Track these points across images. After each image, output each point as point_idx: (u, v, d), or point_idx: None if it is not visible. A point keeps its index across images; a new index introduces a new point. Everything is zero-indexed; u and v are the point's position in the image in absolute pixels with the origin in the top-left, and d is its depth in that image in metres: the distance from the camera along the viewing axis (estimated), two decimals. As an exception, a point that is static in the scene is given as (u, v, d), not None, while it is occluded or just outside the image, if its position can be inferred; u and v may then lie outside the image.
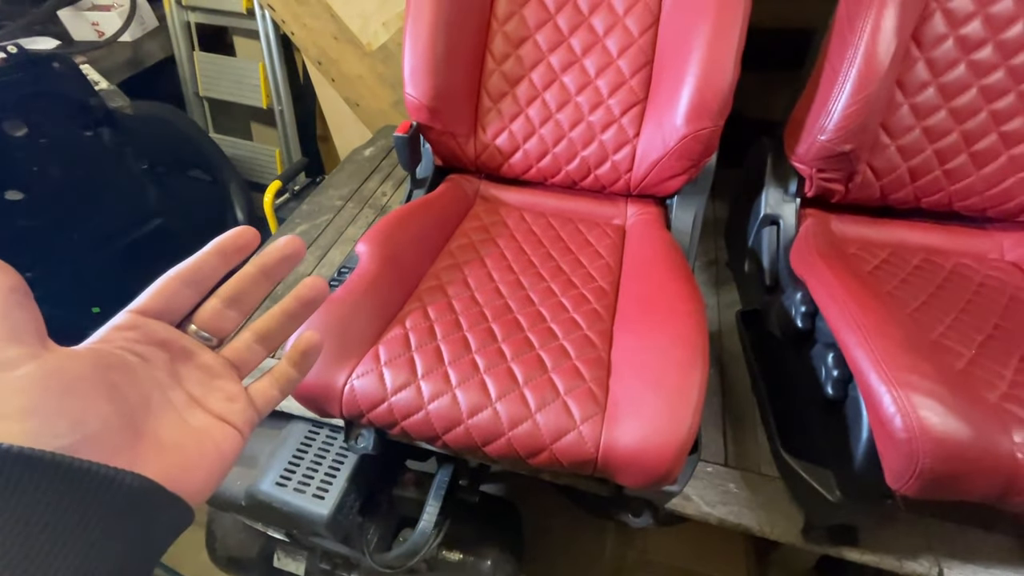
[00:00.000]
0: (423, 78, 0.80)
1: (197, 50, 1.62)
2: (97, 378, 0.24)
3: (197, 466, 0.27)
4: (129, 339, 0.27)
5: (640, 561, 1.25)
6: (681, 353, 0.58)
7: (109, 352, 0.26)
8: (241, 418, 0.29)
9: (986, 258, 0.82)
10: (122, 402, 0.25)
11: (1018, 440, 0.49)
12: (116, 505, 0.22)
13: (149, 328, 0.28)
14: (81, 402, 0.23)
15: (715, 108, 0.73)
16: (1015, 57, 0.72)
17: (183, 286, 0.29)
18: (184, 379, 0.29)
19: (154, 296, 0.28)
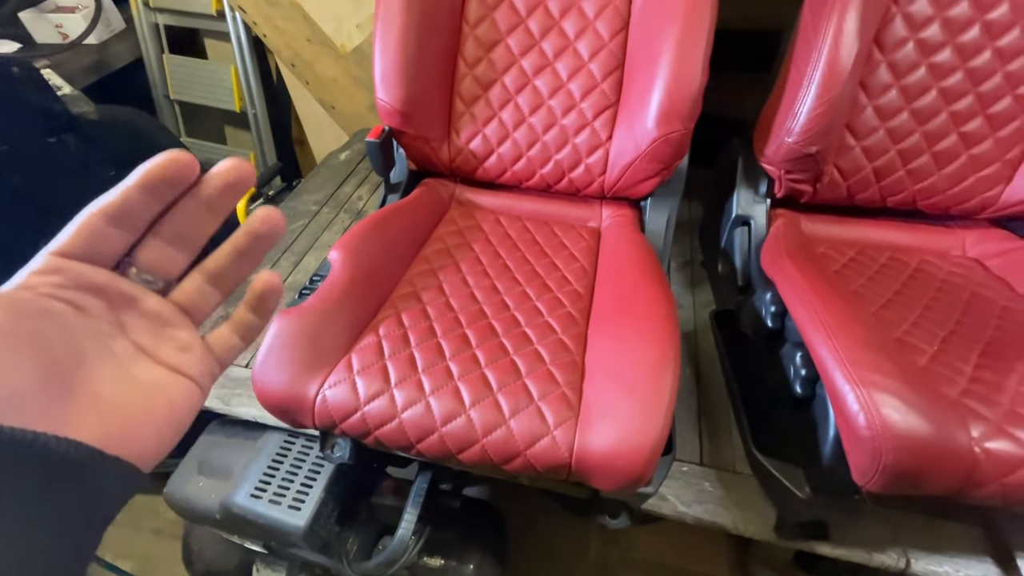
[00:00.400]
0: (394, 83, 0.80)
1: (167, 52, 1.59)
2: (16, 332, 0.21)
3: (145, 423, 0.24)
4: (53, 284, 0.23)
5: (624, 559, 1.26)
6: (653, 356, 0.58)
7: (28, 299, 0.23)
8: (198, 369, 0.27)
9: (949, 255, 0.84)
10: (45, 355, 0.22)
11: (975, 435, 0.51)
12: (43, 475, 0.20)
13: (76, 271, 0.24)
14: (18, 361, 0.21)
15: (685, 111, 0.74)
16: (972, 60, 0.74)
17: (107, 224, 0.24)
18: (129, 328, 0.26)
19: (75, 236, 0.24)
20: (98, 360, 0.24)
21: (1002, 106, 0.76)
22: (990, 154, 0.78)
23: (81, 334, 0.24)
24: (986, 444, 0.50)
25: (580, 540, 1.27)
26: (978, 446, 0.50)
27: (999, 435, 0.51)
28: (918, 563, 0.66)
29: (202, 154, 1.71)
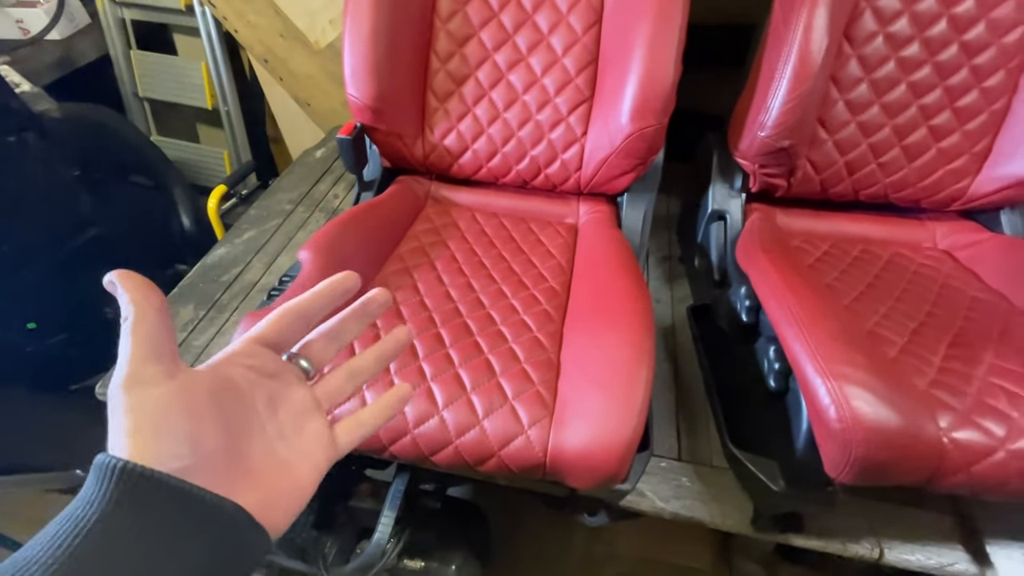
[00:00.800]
0: (365, 78, 0.78)
1: (134, 48, 1.54)
2: (214, 403, 0.26)
3: (280, 499, 0.27)
4: (246, 366, 0.29)
5: (608, 554, 1.27)
6: (627, 353, 0.58)
7: (226, 377, 0.28)
8: (323, 455, 0.30)
9: (921, 247, 0.86)
10: (230, 429, 0.26)
11: (943, 425, 0.51)
12: (217, 530, 0.24)
13: (263, 358, 0.30)
14: (200, 426, 0.25)
15: (658, 106, 0.73)
16: (940, 54, 0.75)
17: (297, 319, 0.31)
18: (279, 410, 0.29)
19: (272, 326, 0.30)
20: (255, 437, 0.28)
21: (969, 99, 0.77)
22: (958, 147, 0.79)
23: (251, 412, 0.28)
24: (953, 434, 0.51)
25: (565, 537, 1.27)
26: (946, 436, 0.50)
27: (966, 425, 0.51)
28: (891, 552, 0.66)
29: (174, 152, 1.67)
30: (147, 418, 0.24)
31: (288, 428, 0.29)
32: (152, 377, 0.25)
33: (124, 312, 0.26)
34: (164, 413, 0.24)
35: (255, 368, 0.29)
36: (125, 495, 0.21)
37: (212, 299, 0.96)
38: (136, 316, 0.26)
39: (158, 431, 0.24)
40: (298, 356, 0.31)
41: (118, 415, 0.24)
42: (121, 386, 0.24)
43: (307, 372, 0.31)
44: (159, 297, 0.27)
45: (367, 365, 0.34)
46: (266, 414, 0.29)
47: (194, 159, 1.67)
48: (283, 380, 0.30)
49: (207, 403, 0.26)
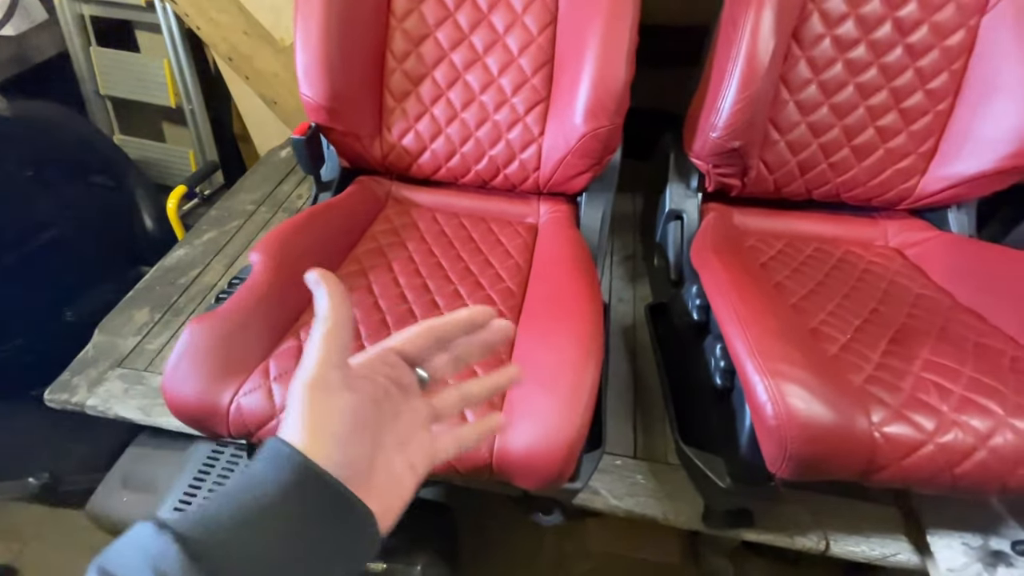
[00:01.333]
0: (318, 77, 0.77)
1: (94, 45, 1.50)
2: (369, 418, 0.29)
3: (390, 509, 0.29)
4: (386, 375, 0.31)
5: (578, 551, 1.27)
6: (575, 353, 0.58)
7: (376, 385, 0.30)
8: (424, 466, 0.31)
9: (873, 245, 0.87)
10: (374, 441, 0.29)
11: (876, 420, 0.52)
12: (357, 533, 0.26)
13: (400, 370, 0.32)
14: (361, 438, 0.28)
15: (611, 107, 0.74)
16: (885, 56, 0.77)
17: (436, 340, 0.33)
18: (400, 421, 0.31)
19: (413, 341, 0.33)
20: (382, 446, 0.29)
21: (914, 101, 0.79)
22: (905, 147, 0.81)
23: (383, 421, 0.30)
24: (885, 429, 0.52)
25: (535, 535, 1.27)
26: (878, 431, 0.52)
27: (898, 420, 0.52)
28: (837, 544, 0.68)
29: (138, 152, 1.63)
30: (325, 423, 0.26)
31: (403, 438, 0.31)
32: (335, 384, 0.27)
33: (321, 313, 0.29)
34: (339, 423, 0.27)
35: (392, 379, 0.31)
36: (296, 486, 0.24)
37: (168, 302, 0.94)
38: (334, 321, 0.28)
39: (333, 438, 0.26)
40: (419, 367, 0.33)
41: (298, 411, 0.26)
42: (307, 385, 0.27)
43: (423, 383, 0.33)
44: (351, 306, 0.30)
45: (479, 392, 0.35)
46: (390, 425, 0.30)
47: (159, 159, 1.63)
48: (409, 391, 0.32)
49: (367, 415, 0.28)
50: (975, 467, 0.51)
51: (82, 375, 0.83)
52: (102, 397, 0.80)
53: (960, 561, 0.65)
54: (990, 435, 0.52)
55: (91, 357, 0.85)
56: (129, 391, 0.81)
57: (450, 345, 0.35)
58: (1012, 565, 0.64)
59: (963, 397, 0.55)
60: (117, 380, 0.82)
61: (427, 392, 0.34)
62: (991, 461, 0.51)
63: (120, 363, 0.85)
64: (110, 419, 0.80)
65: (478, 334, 0.35)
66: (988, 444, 0.51)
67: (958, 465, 0.51)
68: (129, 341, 0.88)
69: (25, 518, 1.24)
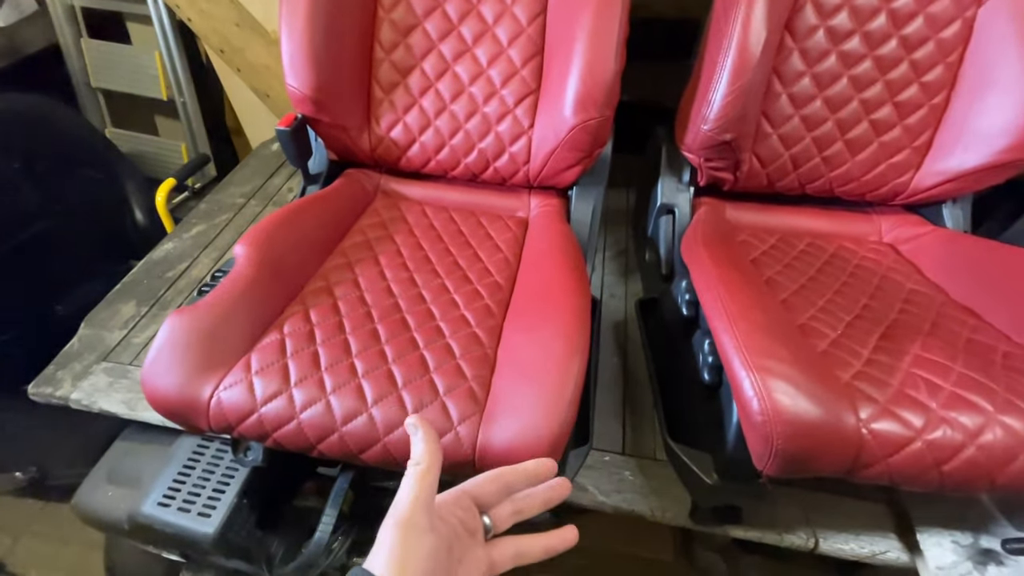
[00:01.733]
0: (304, 68, 0.76)
1: (85, 37, 1.49)
2: (444, 561, 0.31)
3: None
4: (460, 518, 0.33)
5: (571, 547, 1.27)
6: (560, 347, 0.58)
7: (451, 531, 0.32)
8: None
9: (866, 240, 0.86)
10: None
11: (863, 416, 0.52)
12: None
13: (471, 515, 0.34)
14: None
15: (600, 99, 0.73)
16: (879, 48, 0.76)
17: (504, 488, 0.36)
18: (462, 567, 0.33)
19: (486, 487, 0.36)
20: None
21: (909, 93, 0.77)
22: (899, 141, 0.80)
23: (452, 563, 0.32)
24: (872, 425, 0.51)
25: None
26: (865, 427, 0.51)
27: (885, 416, 0.52)
28: (826, 542, 0.67)
29: (131, 145, 1.62)
30: (410, 562, 0.28)
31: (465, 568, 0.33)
32: (423, 526, 0.29)
33: (417, 458, 0.32)
34: (423, 564, 0.29)
35: (463, 522, 0.33)
36: None
37: (155, 295, 0.93)
38: (428, 465, 0.31)
39: None
40: (487, 514, 0.35)
41: (388, 547, 0.29)
42: (399, 524, 0.29)
43: (487, 531, 0.35)
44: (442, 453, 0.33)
45: (532, 552, 0.36)
46: (455, 569, 0.32)
47: (151, 152, 1.62)
48: (476, 538, 0.34)
49: (443, 559, 0.30)
50: (963, 464, 0.50)
51: (67, 368, 0.82)
52: (86, 391, 0.79)
53: (950, 559, 0.64)
54: (979, 432, 0.51)
55: (76, 350, 0.85)
56: (114, 385, 0.80)
57: (519, 507, 0.37)
58: (1002, 563, 0.64)
59: (952, 393, 0.54)
60: (102, 374, 0.81)
61: (489, 541, 0.35)
62: (980, 458, 0.50)
63: (105, 357, 0.84)
64: (98, 414, 0.79)
65: (540, 488, 0.38)
66: (977, 441, 0.51)
67: (946, 462, 0.51)
68: (115, 335, 0.87)
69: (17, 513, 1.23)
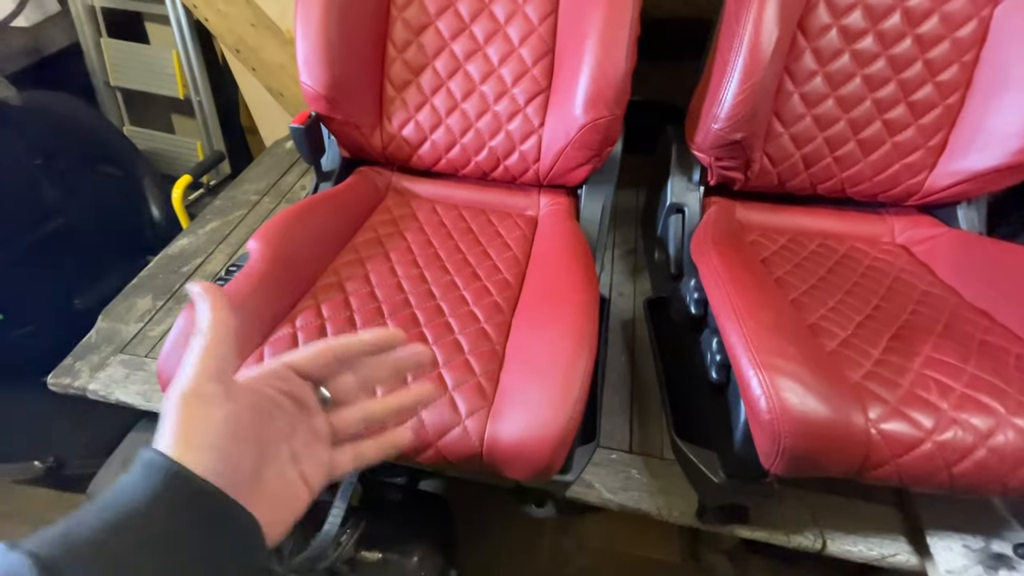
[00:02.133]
0: (318, 66, 0.77)
1: (105, 36, 1.52)
2: (254, 425, 0.29)
3: (281, 519, 0.29)
4: (277, 388, 0.31)
5: (578, 547, 1.27)
6: (568, 344, 0.58)
7: (264, 398, 0.30)
8: (318, 482, 0.32)
9: (879, 242, 0.86)
10: (261, 450, 0.29)
11: (873, 416, 0.51)
12: (238, 541, 0.26)
13: (294, 384, 0.32)
14: (241, 448, 0.27)
15: (611, 97, 0.73)
16: (893, 47, 0.75)
17: (335, 360, 0.33)
18: (296, 436, 0.31)
19: (309, 360, 0.33)
20: (273, 458, 0.30)
21: (923, 93, 0.77)
22: (913, 141, 0.79)
23: (275, 434, 0.30)
24: (882, 426, 0.51)
25: (532, 529, 1.27)
26: (874, 428, 0.51)
27: (895, 416, 0.51)
28: (834, 543, 0.67)
29: (148, 143, 1.65)
30: (200, 434, 0.26)
31: (300, 452, 0.31)
32: (212, 395, 0.27)
33: (200, 324, 0.28)
34: (215, 433, 0.26)
35: (287, 393, 0.31)
36: (167, 493, 0.24)
37: (171, 290, 0.95)
38: (212, 335, 0.28)
39: (208, 448, 0.26)
40: (322, 386, 0.34)
41: (173, 421, 0.26)
42: (181, 396, 0.26)
43: (325, 402, 0.33)
44: (234, 318, 0.29)
45: (381, 412, 0.35)
46: (285, 437, 0.31)
47: (167, 149, 1.65)
48: (307, 407, 0.32)
49: (250, 425, 0.28)
50: (974, 466, 0.50)
51: (84, 360, 0.84)
52: (103, 382, 0.81)
53: (960, 563, 0.64)
54: (991, 434, 0.50)
55: (94, 342, 0.87)
56: (130, 376, 0.82)
57: (356, 365, 0.35)
58: (1014, 568, 0.63)
59: (964, 395, 0.53)
60: (119, 365, 0.83)
61: (332, 411, 0.34)
62: (991, 460, 0.50)
63: (122, 349, 0.86)
64: (114, 406, 0.81)
65: (385, 356, 0.35)
66: (988, 443, 0.50)
67: (957, 464, 0.50)
68: (132, 327, 0.89)
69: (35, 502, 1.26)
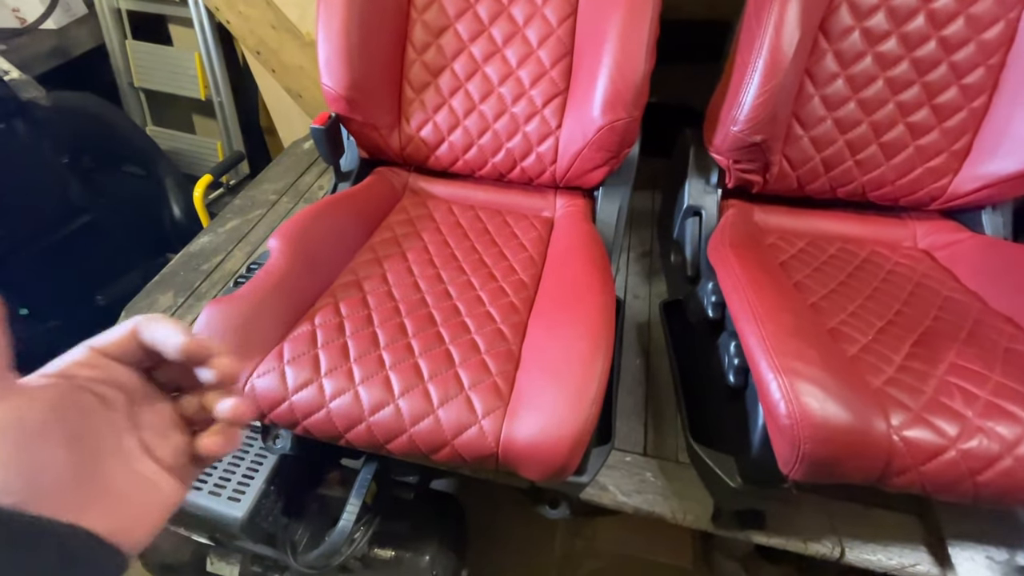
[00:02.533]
0: (339, 68, 0.78)
1: (129, 39, 1.55)
2: (57, 425, 0.24)
3: (141, 517, 0.26)
4: (89, 377, 0.26)
5: (588, 549, 1.26)
6: (584, 345, 0.58)
7: (71, 391, 0.25)
8: (187, 472, 0.29)
9: (900, 246, 0.85)
10: (78, 450, 0.24)
11: (895, 423, 0.51)
12: (66, 557, 0.22)
13: (111, 369, 0.28)
14: (39, 455, 0.22)
15: (629, 99, 0.73)
16: (918, 50, 0.74)
17: (142, 351, 0.29)
18: (140, 425, 0.28)
19: (115, 344, 0.28)
20: (111, 454, 0.26)
21: (948, 96, 0.76)
22: (937, 145, 0.78)
23: (103, 427, 0.26)
24: (905, 432, 0.50)
25: (545, 530, 1.27)
26: (896, 434, 0.50)
27: (918, 424, 0.51)
28: (852, 552, 0.66)
29: (169, 143, 1.69)
30: None
31: (151, 443, 0.28)
32: None
33: None
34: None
35: (103, 380, 0.27)
36: None
37: (191, 287, 0.97)
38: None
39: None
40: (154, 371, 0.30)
41: None
42: None
43: (163, 386, 0.30)
44: None
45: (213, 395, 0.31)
46: (125, 428, 0.27)
47: (189, 149, 1.68)
48: (142, 393, 0.29)
49: (50, 424, 0.23)
50: (999, 475, 0.49)
51: (108, 355, 0.86)
52: (126, 376, 0.82)
53: (983, 575, 0.62)
54: (1017, 443, 0.49)
55: (117, 338, 0.88)
56: (151, 371, 0.83)
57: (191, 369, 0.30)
58: (1039, 581, 0.62)
59: (989, 402, 0.52)
60: (141, 360, 0.85)
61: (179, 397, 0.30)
62: (1017, 470, 0.49)
63: (144, 344, 0.87)
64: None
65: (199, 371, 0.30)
66: (1015, 452, 0.49)
67: (981, 473, 0.49)
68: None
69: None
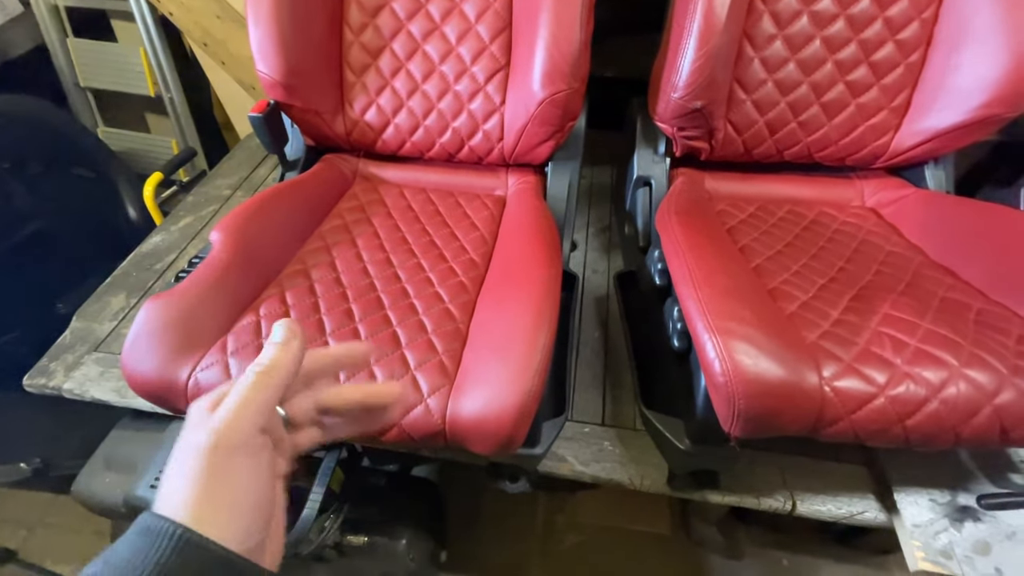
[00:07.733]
0: (272, 53, 0.76)
1: (71, 36, 1.50)
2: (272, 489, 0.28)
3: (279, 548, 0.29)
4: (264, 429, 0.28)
5: (570, 524, 1.28)
6: (527, 319, 0.58)
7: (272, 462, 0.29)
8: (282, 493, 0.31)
9: (848, 206, 0.86)
10: (271, 508, 0.28)
11: (827, 375, 0.52)
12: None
13: (272, 418, 0.30)
14: (264, 514, 0.27)
15: (567, 70, 0.72)
16: (852, 6, 0.74)
17: (303, 377, 0.32)
18: (276, 469, 0.30)
19: None
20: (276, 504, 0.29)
21: (884, 53, 0.76)
22: (877, 102, 0.79)
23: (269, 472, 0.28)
24: (835, 383, 0.51)
25: (526, 508, 1.29)
26: (828, 385, 0.51)
27: (848, 374, 0.52)
28: (804, 504, 0.68)
29: (123, 143, 1.64)
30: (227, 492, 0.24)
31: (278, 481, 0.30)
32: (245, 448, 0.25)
33: (263, 356, 0.27)
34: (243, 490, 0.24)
35: (267, 430, 0.29)
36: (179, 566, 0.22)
37: (144, 287, 0.95)
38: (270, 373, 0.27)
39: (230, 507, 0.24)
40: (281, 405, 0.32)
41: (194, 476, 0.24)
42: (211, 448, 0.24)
43: (285, 423, 0.31)
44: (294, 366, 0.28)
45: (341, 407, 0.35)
46: (275, 479, 0.29)
47: (143, 149, 1.64)
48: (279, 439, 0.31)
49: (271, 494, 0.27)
50: (927, 419, 0.51)
51: (59, 360, 0.84)
52: (78, 381, 0.81)
53: (926, 517, 0.65)
54: (943, 386, 0.51)
55: (68, 343, 0.87)
56: (105, 374, 0.82)
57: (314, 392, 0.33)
58: (979, 520, 0.64)
59: (918, 349, 0.54)
60: (93, 364, 0.83)
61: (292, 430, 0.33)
62: (943, 412, 0.50)
63: (96, 347, 0.86)
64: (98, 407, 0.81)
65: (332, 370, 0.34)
66: (940, 395, 0.51)
67: (910, 417, 0.51)
68: (106, 326, 0.89)
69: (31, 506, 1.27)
